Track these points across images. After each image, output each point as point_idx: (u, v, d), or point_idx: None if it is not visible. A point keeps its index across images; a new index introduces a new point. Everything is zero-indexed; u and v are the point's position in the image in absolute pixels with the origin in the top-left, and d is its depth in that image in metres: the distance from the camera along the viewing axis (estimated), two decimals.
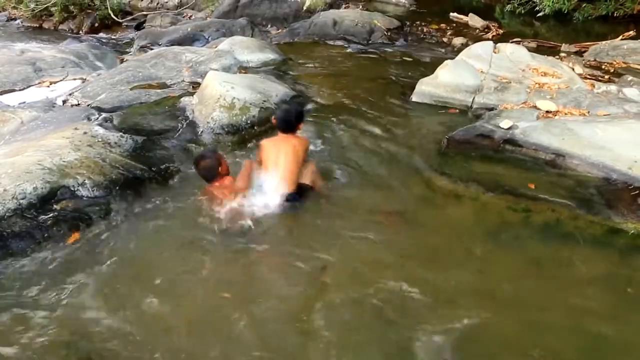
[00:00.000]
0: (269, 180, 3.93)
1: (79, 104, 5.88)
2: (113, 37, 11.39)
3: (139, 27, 11.88)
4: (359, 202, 4.13)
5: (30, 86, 6.85)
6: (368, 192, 4.28)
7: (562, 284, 3.28)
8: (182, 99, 5.72)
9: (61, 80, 7.09)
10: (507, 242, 3.66)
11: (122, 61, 8.45)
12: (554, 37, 9.51)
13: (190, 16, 12.43)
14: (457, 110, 5.90)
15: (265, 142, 4.19)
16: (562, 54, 8.35)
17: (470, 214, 3.99)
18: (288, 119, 4.23)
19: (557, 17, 10.47)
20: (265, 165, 4.03)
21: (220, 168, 3.98)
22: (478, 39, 9.21)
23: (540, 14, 10.63)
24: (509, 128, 4.99)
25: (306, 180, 4.06)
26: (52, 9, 12.12)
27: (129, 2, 13.39)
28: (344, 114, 5.79)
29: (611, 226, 3.72)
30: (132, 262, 3.45)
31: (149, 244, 3.61)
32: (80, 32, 11.84)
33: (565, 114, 5.39)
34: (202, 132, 5.12)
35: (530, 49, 7.56)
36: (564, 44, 8.81)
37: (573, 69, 6.92)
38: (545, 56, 7.24)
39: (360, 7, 11.73)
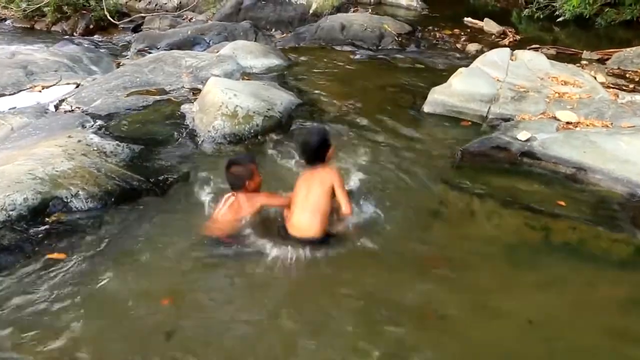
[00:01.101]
0: (290, 222, 3.72)
1: (72, 110, 5.92)
2: (109, 39, 11.45)
3: (136, 29, 11.95)
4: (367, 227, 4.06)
5: (21, 91, 6.88)
6: (377, 212, 4.23)
7: (586, 307, 3.27)
8: (181, 106, 5.76)
9: (54, 85, 7.12)
10: (525, 262, 3.64)
11: (118, 65, 8.51)
12: (574, 43, 9.53)
13: (191, 19, 12.52)
14: (470, 122, 5.91)
15: (298, 178, 3.86)
16: (584, 62, 8.37)
17: (486, 231, 3.99)
18: (308, 150, 3.83)
19: (578, 22, 10.48)
20: (290, 205, 3.77)
21: (248, 182, 3.81)
22: (494, 45, 9.24)
23: (560, 19, 10.60)
24: (527, 140, 5.01)
25: (335, 227, 3.76)
26: (45, 9, 12.19)
27: (126, 3, 13.48)
28: (351, 124, 5.82)
29: (637, 245, 3.72)
30: (127, 279, 3.43)
31: (146, 260, 3.60)
32: (75, 34, 11.90)
33: (587, 125, 5.40)
34: (202, 141, 5.15)
35: (549, 56, 7.60)
36: (585, 51, 8.83)
37: (595, 78, 6.94)
38: (566, 64, 7.27)
39: (370, 10, 11.80)
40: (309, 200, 3.66)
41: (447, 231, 4.03)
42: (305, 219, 3.65)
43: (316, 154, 3.80)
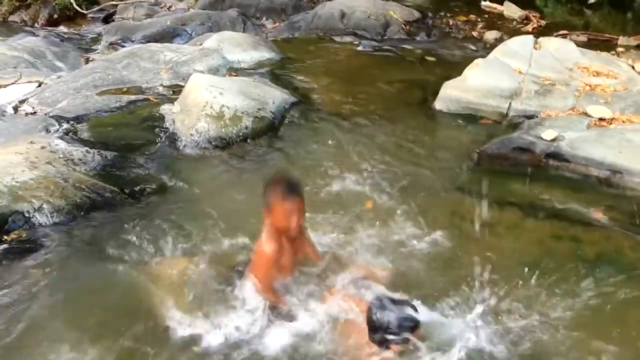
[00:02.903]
0: None
1: (34, 113, 5.96)
2: (76, 31, 11.50)
3: (107, 19, 12.00)
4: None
5: None
6: (383, 222, 4.27)
7: (621, 325, 3.28)
8: (160, 107, 5.81)
9: (12, 84, 7.16)
10: (552, 279, 3.65)
11: (87, 61, 8.57)
12: (609, 28, 9.56)
13: (170, 7, 12.57)
14: (488, 121, 5.96)
15: None
16: (620, 49, 8.41)
17: (506, 243, 4.00)
18: None
19: (614, 4, 10.43)
20: None
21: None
22: (515, 32, 9.28)
23: (592, 1, 10.59)
24: (553, 139, 5.03)
25: None
26: None
27: None
28: (353, 124, 5.87)
29: None
30: (98, 305, 3.43)
31: (119, 282, 3.61)
32: (36, 24, 11.94)
33: (623, 121, 5.44)
34: (184, 145, 5.20)
35: (579, 44, 7.63)
36: (621, 37, 8.87)
37: (633, 67, 6.98)
38: (598, 52, 7.32)
39: None
40: None
41: (461, 244, 4.03)
42: None
43: None
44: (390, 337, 2.86)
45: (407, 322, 2.89)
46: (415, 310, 2.96)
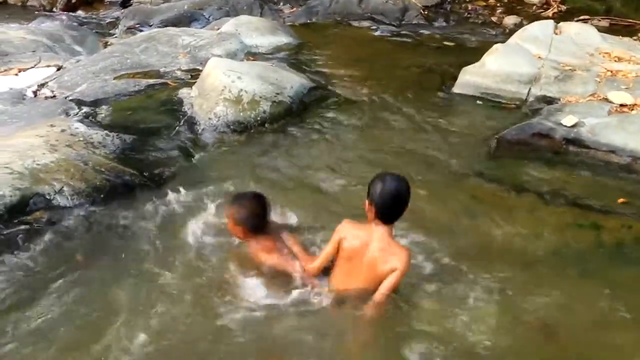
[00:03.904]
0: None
1: (54, 96, 5.99)
2: (94, 15, 11.52)
3: (125, 3, 12.01)
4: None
5: None
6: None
7: None
8: (178, 91, 5.81)
9: (32, 68, 7.19)
10: (571, 266, 3.64)
11: (105, 45, 8.58)
12: (631, 13, 9.44)
13: None
14: (507, 106, 5.91)
15: (346, 228, 3.33)
16: None
17: (525, 230, 3.99)
18: (397, 205, 3.20)
19: None
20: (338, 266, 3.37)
21: None
22: (535, 17, 9.21)
23: None
24: (574, 125, 5.00)
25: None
26: None
27: None
28: (372, 109, 5.86)
29: None
30: (117, 286, 3.44)
31: (139, 265, 3.63)
32: (54, 9, 11.96)
33: None
34: (202, 130, 5.20)
35: (600, 29, 7.58)
36: None
37: None
38: (620, 37, 7.25)
39: None
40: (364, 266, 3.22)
41: (480, 231, 4.03)
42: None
43: (402, 209, 3.23)
44: None
45: None
46: None
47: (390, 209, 3.17)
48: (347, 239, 3.25)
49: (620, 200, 4.19)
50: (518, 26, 8.52)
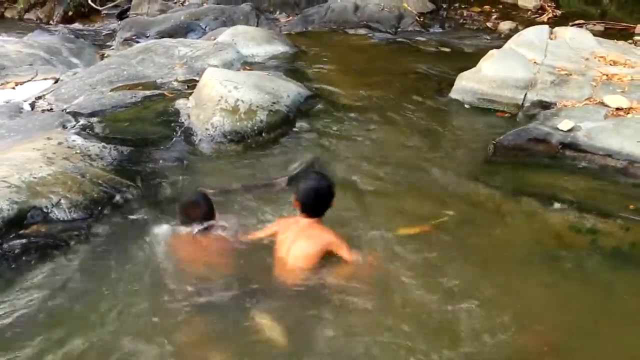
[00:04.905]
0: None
1: (51, 109, 5.98)
2: (91, 27, 11.59)
3: (121, 15, 12.07)
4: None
5: None
6: (397, 217, 4.25)
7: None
8: (175, 102, 5.82)
9: (29, 81, 7.19)
10: (569, 271, 3.64)
11: (102, 57, 8.61)
12: (626, 17, 9.49)
13: (183, 2, 12.61)
14: (504, 112, 5.95)
15: (280, 223, 3.80)
16: (637, 38, 8.37)
17: (522, 235, 4.00)
18: (318, 201, 3.62)
19: None
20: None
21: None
22: (530, 22, 9.26)
23: None
24: (570, 130, 5.00)
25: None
26: None
27: None
28: (368, 116, 5.87)
29: None
30: (115, 300, 3.43)
31: (137, 278, 3.62)
32: (51, 22, 12.02)
33: None
34: (199, 140, 5.21)
35: (595, 33, 7.61)
36: (638, 26, 8.80)
37: None
38: (615, 41, 7.26)
39: None
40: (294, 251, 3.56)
41: (478, 236, 4.03)
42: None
43: (326, 204, 3.63)
44: None
45: None
46: None
47: (311, 205, 3.58)
48: (280, 231, 3.66)
49: (611, 201, 4.19)
50: (513, 31, 8.55)
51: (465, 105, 6.15)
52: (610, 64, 6.46)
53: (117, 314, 3.31)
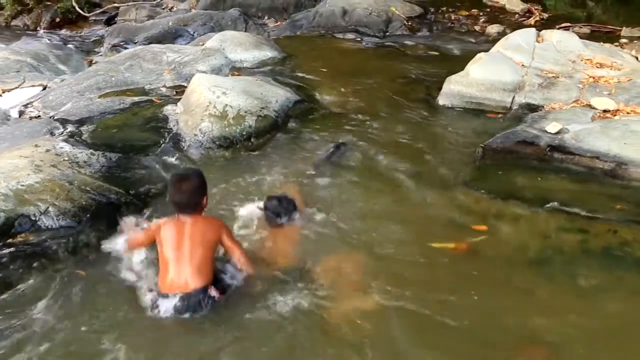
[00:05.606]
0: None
1: (39, 116, 5.97)
2: (78, 34, 11.56)
3: (109, 21, 12.06)
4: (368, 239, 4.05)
5: None
6: (382, 222, 4.24)
7: (630, 322, 3.28)
8: (163, 108, 5.82)
9: (16, 88, 7.16)
10: (558, 272, 3.65)
11: (90, 63, 8.60)
12: (612, 19, 9.56)
13: (171, 8, 12.62)
14: (492, 115, 5.97)
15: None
16: (623, 40, 8.41)
17: (511, 237, 4.00)
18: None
19: None
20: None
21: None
22: (517, 25, 9.30)
23: None
24: (558, 132, 5.02)
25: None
26: (3, 1, 12.25)
27: None
28: (357, 121, 5.88)
29: None
30: (106, 308, 3.42)
31: (126, 286, 3.61)
32: (38, 28, 11.99)
33: (628, 113, 5.41)
34: (188, 146, 5.20)
35: (582, 36, 7.65)
36: (624, 28, 8.87)
37: (637, 58, 6.97)
38: (601, 43, 7.32)
39: None
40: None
41: (466, 239, 4.03)
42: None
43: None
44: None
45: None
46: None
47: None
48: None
49: (597, 202, 4.21)
50: (501, 35, 8.59)
51: (454, 109, 6.17)
52: (597, 67, 6.50)
53: (108, 323, 3.30)
